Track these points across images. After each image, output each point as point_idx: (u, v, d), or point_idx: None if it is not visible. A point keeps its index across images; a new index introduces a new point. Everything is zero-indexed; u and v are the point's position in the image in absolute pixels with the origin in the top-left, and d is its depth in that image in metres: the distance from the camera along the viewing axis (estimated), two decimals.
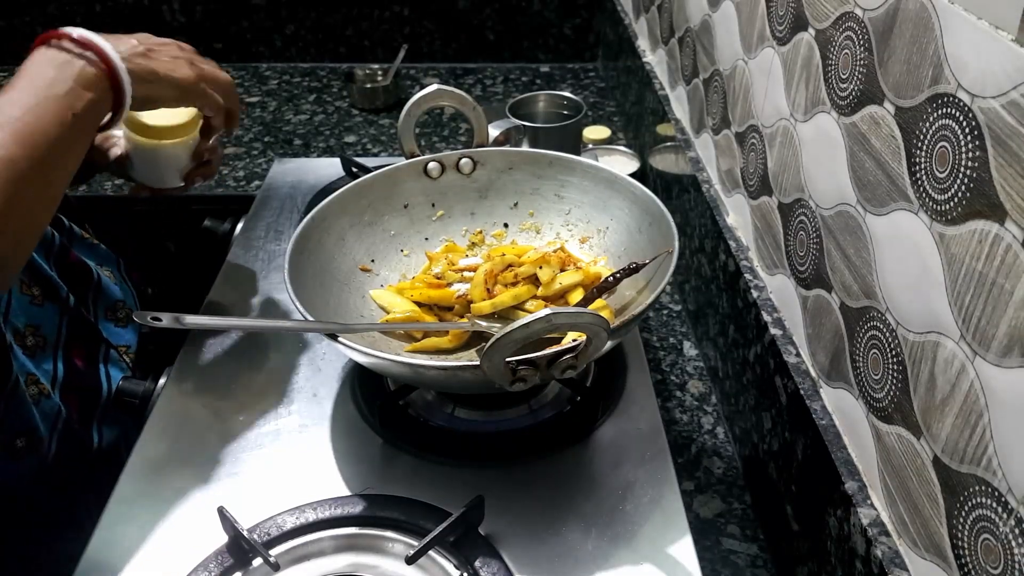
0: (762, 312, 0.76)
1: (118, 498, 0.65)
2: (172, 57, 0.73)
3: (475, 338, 0.74)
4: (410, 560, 0.58)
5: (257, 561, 0.59)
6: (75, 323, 0.80)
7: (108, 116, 0.68)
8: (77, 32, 0.65)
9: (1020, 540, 0.43)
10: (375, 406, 0.73)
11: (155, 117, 0.81)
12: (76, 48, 0.64)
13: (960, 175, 0.47)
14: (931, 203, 0.50)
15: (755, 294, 0.78)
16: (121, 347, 0.86)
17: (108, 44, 0.66)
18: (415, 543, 0.59)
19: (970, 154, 0.46)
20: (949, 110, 0.48)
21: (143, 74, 0.68)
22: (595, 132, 1.38)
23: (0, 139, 0.59)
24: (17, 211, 0.60)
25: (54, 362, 0.78)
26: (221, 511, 0.60)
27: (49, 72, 0.63)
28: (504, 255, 0.79)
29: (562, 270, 0.77)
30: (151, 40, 0.72)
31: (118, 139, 0.89)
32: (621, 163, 1.26)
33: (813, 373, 0.69)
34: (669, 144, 1.11)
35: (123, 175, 0.91)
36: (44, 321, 0.78)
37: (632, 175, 0.87)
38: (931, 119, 0.50)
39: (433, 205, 0.85)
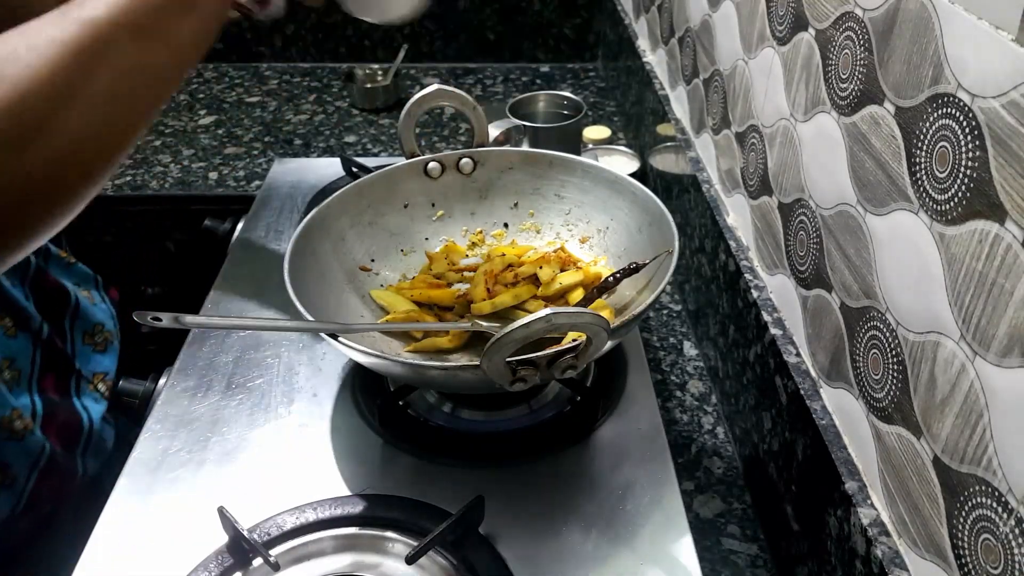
0: (762, 312, 0.76)
1: (118, 498, 0.65)
2: None
3: (475, 338, 0.74)
4: (410, 560, 0.58)
5: (257, 561, 0.59)
6: (48, 354, 0.76)
7: None
8: None
9: (1020, 540, 0.43)
10: (375, 406, 0.73)
11: None
12: None
13: (960, 175, 0.47)
14: (931, 203, 0.50)
15: (755, 294, 0.78)
16: (98, 375, 0.82)
17: None
18: (415, 543, 0.59)
19: (970, 154, 0.46)
20: (949, 110, 0.48)
21: None
22: (595, 132, 1.38)
23: None
24: (100, 90, 0.47)
25: (30, 395, 0.74)
26: (221, 511, 0.60)
27: None
28: (504, 255, 0.79)
29: (562, 270, 0.77)
30: None
31: None
32: (621, 163, 1.26)
33: (813, 373, 0.69)
34: (669, 144, 1.11)
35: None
36: (19, 353, 0.74)
37: (632, 175, 0.87)
38: (931, 119, 0.50)
39: (433, 205, 0.85)
